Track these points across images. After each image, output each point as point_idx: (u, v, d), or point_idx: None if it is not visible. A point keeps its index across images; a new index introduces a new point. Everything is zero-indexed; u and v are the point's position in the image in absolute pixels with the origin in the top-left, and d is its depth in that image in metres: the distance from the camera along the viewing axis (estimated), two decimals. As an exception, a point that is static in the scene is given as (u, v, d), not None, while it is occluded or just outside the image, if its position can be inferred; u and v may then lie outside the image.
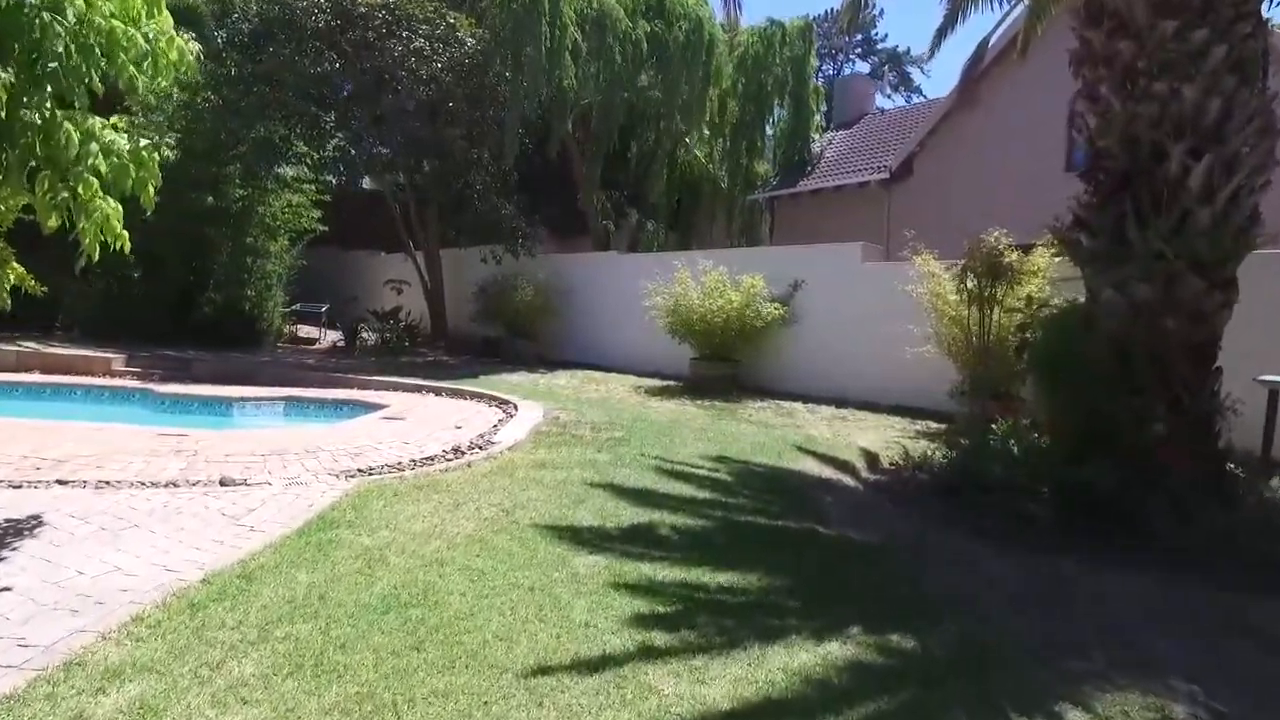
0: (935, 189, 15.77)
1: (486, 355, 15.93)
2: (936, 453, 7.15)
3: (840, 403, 11.05)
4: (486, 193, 15.27)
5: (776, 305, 11.94)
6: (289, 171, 16.03)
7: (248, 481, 5.25)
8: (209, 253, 14.86)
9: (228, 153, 14.04)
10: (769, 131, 21.49)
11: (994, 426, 6.84)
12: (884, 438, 8.77)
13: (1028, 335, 7.60)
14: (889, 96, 47.61)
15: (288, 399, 9.93)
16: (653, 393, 11.62)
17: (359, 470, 5.64)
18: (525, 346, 15.68)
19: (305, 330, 18.44)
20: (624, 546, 4.52)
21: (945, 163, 15.86)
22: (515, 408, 9.60)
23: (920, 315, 9.91)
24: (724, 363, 12.17)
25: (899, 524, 5.48)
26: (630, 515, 5.15)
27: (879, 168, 17.01)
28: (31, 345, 12.24)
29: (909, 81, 49.45)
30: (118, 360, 11.72)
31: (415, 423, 7.99)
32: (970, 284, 8.97)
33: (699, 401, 10.86)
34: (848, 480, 6.73)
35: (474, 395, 10.61)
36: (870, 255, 11.86)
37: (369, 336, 17.05)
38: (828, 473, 6.85)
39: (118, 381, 10.47)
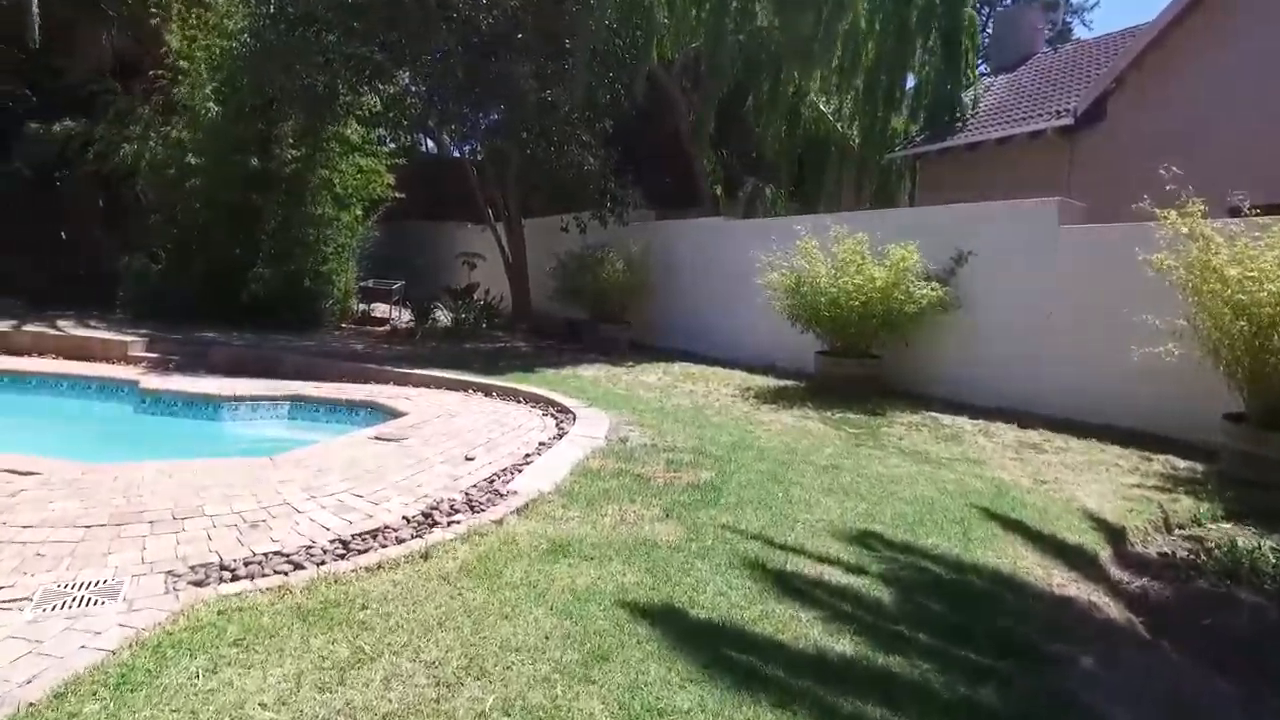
0: (1139, 136, 12.07)
1: (570, 341, 13.56)
2: (1240, 541, 4.13)
3: (1022, 419, 7.95)
4: (565, 145, 12.73)
5: (934, 285, 8.90)
6: (355, 132, 14.05)
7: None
8: (259, 223, 13.10)
9: (272, 106, 12.18)
10: (911, 78, 18.00)
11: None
12: (1114, 487, 5.72)
13: None
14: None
15: (293, 399, 7.83)
16: (764, 397, 8.86)
17: (223, 568, 3.24)
18: (614, 332, 13.19)
19: (381, 309, 16.66)
20: None
21: (1158, 102, 12.12)
22: (573, 419, 7.12)
23: (1159, 300, 6.70)
24: (860, 359, 9.26)
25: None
26: None
27: (1057, 112, 13.39)
28: (63, 327, 10.80)
29: (1066, 35, 43.52)
30: (138, 344, 10.06)
31: (413, 447, 5.61)
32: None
33: (827, 412, 8.03)
34: (1097, 596, 3.83)
35: (529, 398, 8.21)
36: (1071, 215, 8.59)
37: (442, 317, 15.02)
38: (1057, 576, 3.94)
39: (111, 372, 8.71)
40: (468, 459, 5.41)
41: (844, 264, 9.07)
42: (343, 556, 3.47)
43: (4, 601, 2.94)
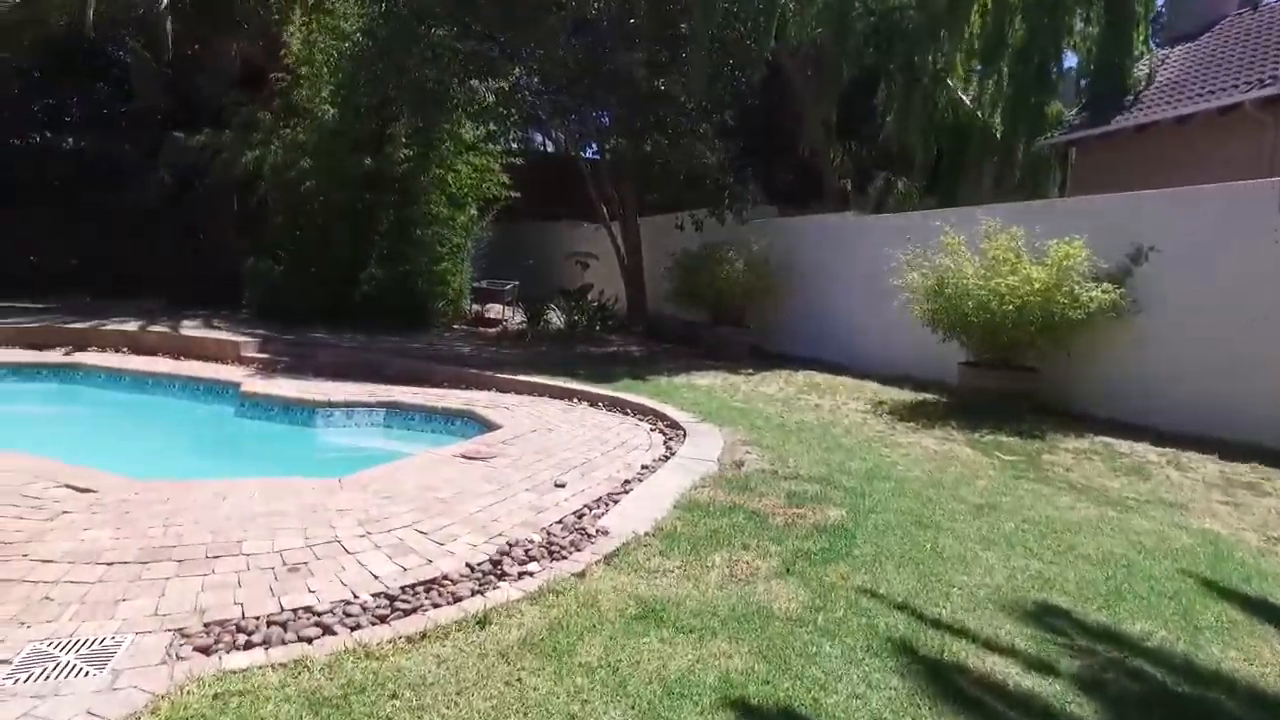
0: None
1: (686, 344, 12.83)
2: None
3: (1222, 447, 6.58)
4: (681, 139, 11.98)
5: (1104, 286, 7.61)
6: (467, 130, 13.85)
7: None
8: (372, 223, 13.09)
9: (385, 106, 12.10)
10: (1069, 55, 16.16)
11: None
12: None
13: None
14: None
15: (389, 406, 7.48)
16: (900, 414, 7.84)
17: (239, 629, 2.70)
18: (734, 335, 12.37)
19: (494, 310, 16.49)
20: None
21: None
22: (683, 436, 6.40)
23: None
24: (1014, 371, 8.06)
25: None
26: None
27: (1259, 80, 11.50)
28: (187, 327, 11.06)
29: None
30: (250, 345, 10.10)
31: (499, 469, 5.03)
32: None
33: (974, 434, 6.94)
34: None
35: (637, 410, 7.55)
36: (1289, 202, 7.12)
37: (555, 319, 14.63)
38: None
39: (220, 373, 8.68)
40: (557, 485, 4.77)
41: (995, 263, 7.90)
42: (383, 619, 2.86)
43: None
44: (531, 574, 3.39)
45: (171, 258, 15.14)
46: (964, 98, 16.61)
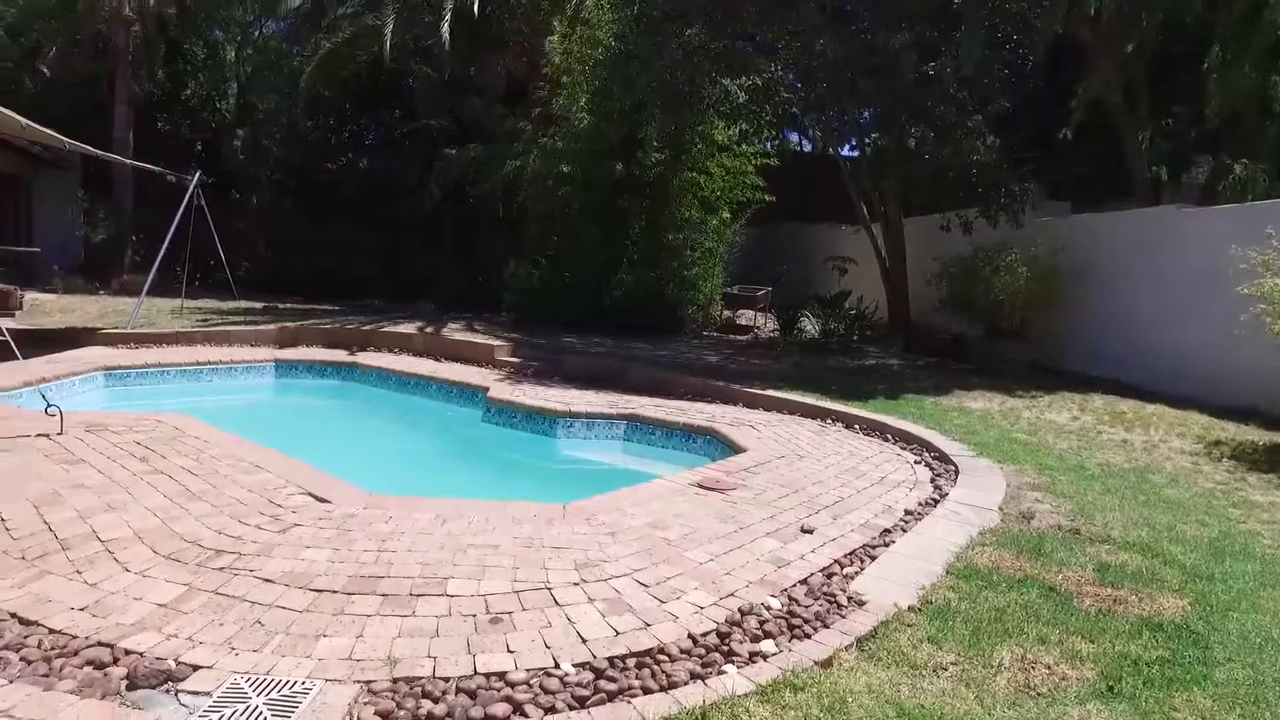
0: None
1: (955, 359, 11.46)
2: None
3: None
4: (949, 130, 10.63)
5: None
6: (720, 132, 13.51)
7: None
8: (624, 228, 13.18)
9: (636, 110, 12.09)
10: None
11: None
12: None
13: None
14: None
15: (629, 418, 7.22)
16: (1248, 458, 6.18)
17: (424, 694, 2.37)
18: (1011, 350, 10.81)
19: (745, 317, 16.02)
20: None
21: None
22: (955, 474, 5.46)
23: None
24: None
25: None
26: None
27: None
28: (451, 331, 11.80)
29: None
30: (503, 350, 10.46)
31: (739, 505, 4.46)
32: None
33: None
34: None
35: (899, 436, 6.66)
36: None
37: (809, 327, 13.82)
38: None
39: (473, 378, 8.95)
40: (804, 531, 4.11)
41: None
42: (582, 702, 2.41)
43: (191, 691, 2.41)
44: (765, 656, 2.79)
45: (443, 265, 16.51)
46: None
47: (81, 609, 2.86)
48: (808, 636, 2.95)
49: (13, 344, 6.15)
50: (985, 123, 11.24)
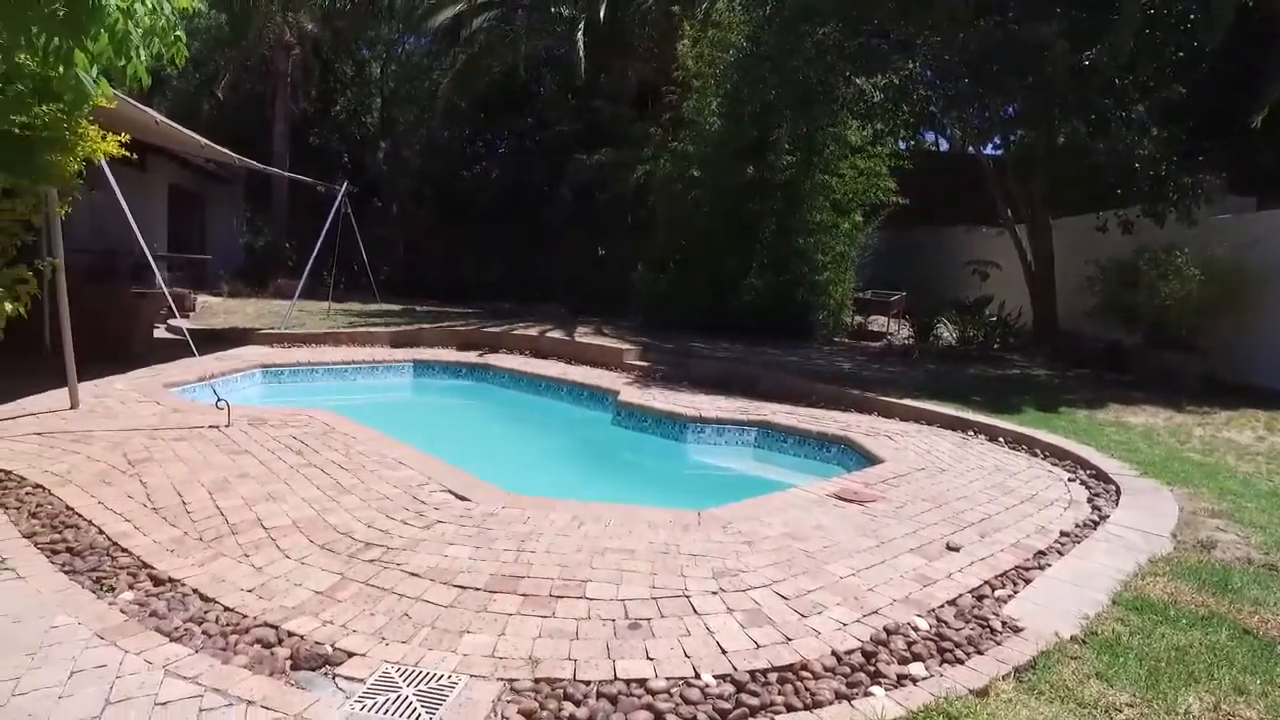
0: None
1: (1109, 370, 10.60)
2: None
3: None
4: (1106, 123, 9.78)
5: None
6: (853, 133, 13.12)
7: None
8: (754, 231, 13.00)
9: (766, 112, 11.89)
10: None
11: None
12: None
13: None
14: None
15: (761, 425, 7.07)
16: None
17: (566, 696, 2.34)
18: (1177, 362, 9.89)
19: (878, 323, 15.47)
20: None
21: None
22: (1116, 495, 5.02)
23: None
24: None
25: None
26: None
27: None
28: (580, 333, 11.98)
29: None
30: (631, 353, 10.51)
31: (879, 518, 4.25)
32: None
33: None
34: None
35: (1049, 451, 6.21)
36: None
37: (946, 334, 13.18)
38: None
39: (603, 380, 9.01)
40: (950, 549, 3.86)
41: None
42: (724, 716, 2.33)
43: (347, 676, 2.50)
44: (914, 680, 2.62)
45: (573, 268, 16.83)
46: None
47: (249, 590, 3.07)
48: (960, 662, 2.75)
49: (191, 343, 6.75)
50: (1151, 111, 10.27)
